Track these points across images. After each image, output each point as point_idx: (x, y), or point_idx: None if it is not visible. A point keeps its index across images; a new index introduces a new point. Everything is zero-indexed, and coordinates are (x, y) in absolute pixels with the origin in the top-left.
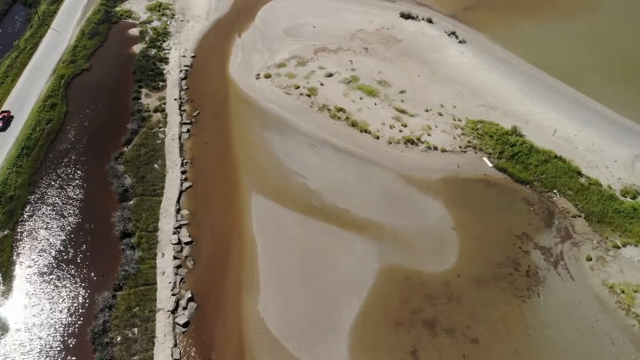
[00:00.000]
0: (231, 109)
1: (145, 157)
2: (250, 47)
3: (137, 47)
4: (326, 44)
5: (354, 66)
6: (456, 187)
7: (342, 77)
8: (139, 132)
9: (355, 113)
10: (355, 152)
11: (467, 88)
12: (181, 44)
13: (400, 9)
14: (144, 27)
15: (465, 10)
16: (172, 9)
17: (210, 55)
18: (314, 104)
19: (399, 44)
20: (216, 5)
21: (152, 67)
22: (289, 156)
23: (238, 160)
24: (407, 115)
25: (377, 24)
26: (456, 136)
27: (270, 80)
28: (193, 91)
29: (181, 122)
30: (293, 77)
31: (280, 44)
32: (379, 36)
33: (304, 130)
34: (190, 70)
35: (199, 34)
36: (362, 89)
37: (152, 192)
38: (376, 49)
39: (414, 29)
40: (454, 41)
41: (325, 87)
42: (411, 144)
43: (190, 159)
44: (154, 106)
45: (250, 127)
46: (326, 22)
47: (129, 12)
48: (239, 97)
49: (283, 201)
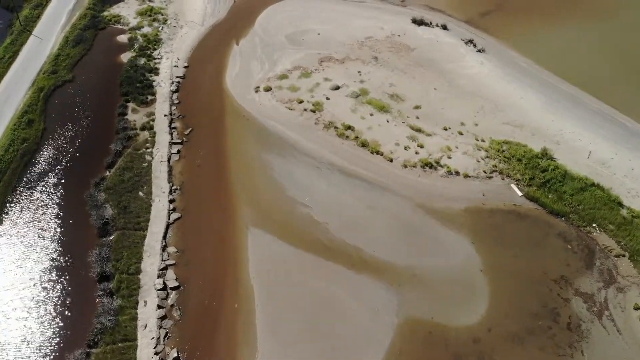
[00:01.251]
0: (227, 126)
1: (129, 183)
2: (249, 55)
3: (125, 55)
4: (332, 52)
5: (362, 78)
6: (482, 219)
7: (350, 91)
8: (124, 154)
9: (365, 131)
10: (366, 176)
11: (489, 103)
12: (173, 53)
13: (412, 14)
14: (133, 33)
15: (482, 15)
16: (164, 14)
17: (204, 65)
18: (319, 120)
19: (411, 53)
20: (212, 9)
21: (141, 79)
22: (292, 182)
23: (233, 187)
24: (423, 135)
25: (388, 30)
26: (480, 159)
27: (271, 93)
28: (185, 106)
29: (171, 142)
30: (296, 90)
31: (281, 53)
32: (389, 44)
33: (308, 151)
34: (182, 82)
35: (193, 41)
36: (373, 104)
37: (136, 226)
38: (387, 59)
39: (427, 36)
40: (472, 50)
41: (332, 102)
42: (429, 168)
43: (180, 185)
44: (142, 123)
45: (248, 147)
46: (332, 28)
47: (117, 17)
48: (235, 112)
49: (285, 236)
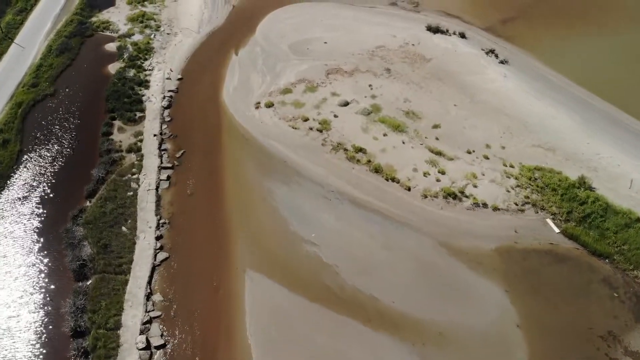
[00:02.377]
0: (223, 148)
1: (111, 216)
2: (249, 67)
3: (113, 66)
4: (340, 63)
5: (374, 92)
6: (516, 261)
7: (361, 107)
8: (107, 180)
9: (379, 154)
10: (381, 208)
11: (516, 122)
12: (166, 63)
13: (426, 21)
14: (122, 41)
15: (504, 22)
16: (157, 20)
17: (200, 77)
18: (326, 141)
19: (427, 64)
20: (209, 15)
21: (129, 93)
22: (296, 214)
23: (229, 220)
24: (444, 159)
25: (401, 39)
26: (510, 188)
27: (273, 110)
28: (177, 124)
29: (160, 167)
30: (300, 106)
31: (285, 64)
32: (403, 54)
33: (314, 177)
34: (175, 97)
35: (188, 50)
36: (386, 123)
37: (117, 269)
38: (401, 70)
39: (444, 45)
40: (494, 61)
41: (341, 120)
42: (453, 199)
43: (169, 219)
44: (128, 144)
45: (247, 172)
46: (339, 36)
47: (107, 23)
48: (233, 131)
49: (288, 281)
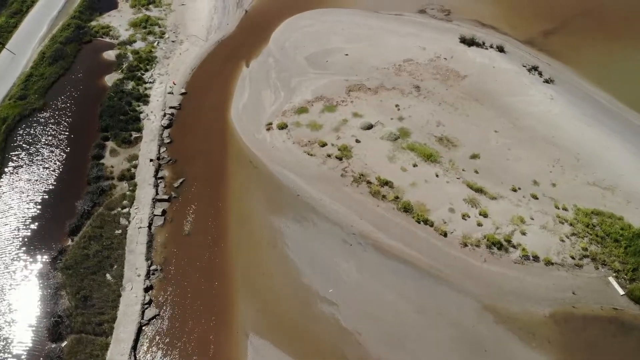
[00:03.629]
0: (228, 177)
1: (94, 260)
2: (261, 81)
3: (110, 77)
4: (362, 79)
5: (402, 114)
6: (575, 331)
7: (387, 131)
8: (93, 214)
9: (408, 189)
10: (412, 258)
11: (567, 154)
12: (169, 75)
13: (459, 32)
14: (122, 49)
15: (546, 35)
16: (162, 26)
17: (206, 92)
18: (347, 172)
19: (462, 82)
20: (219, 21)
21: (126, 109)
22: (310, 262)
23: (232, 269)
24: (486, 197)
25: (431, 51)
26: (564, 237)
27: (287, 132)
28: (178, 147)
29: (155, 199)
30: (318, 128)
31: (300, 79)
32: (434, 69)
33: (332, 215)
34: (177, 115)
35: (194, 60)
36: (416, 150)
37: (97, 328)
38: (432, 88)
39: (481, 60)
40: (538, 80)
41: (363, 146)
42: (498, 249)
43: (162, 264)
44: (120, 170)
45: (254, 207)
46: (362, 48)
47: (107, 28)
48: (241, 156)
49: (298, 352)
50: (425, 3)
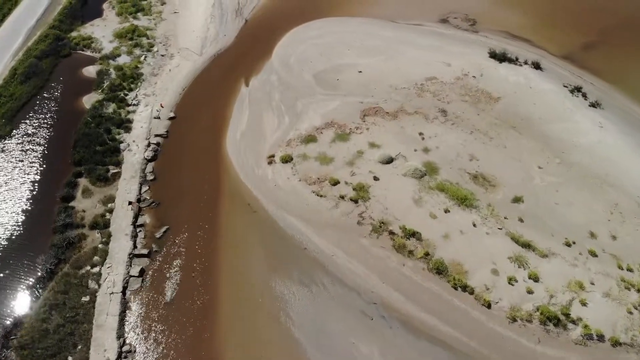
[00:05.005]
0: (222, 224)
1: (55, 338)
2: (262, 103)
3: (88, 98)
4: (379, 100)
5: (427, 144)
6: None
7: (410, 166)
8: (56, 275)
9: (441, 243)
10: (449, 337)
11: (626, 197)
12: (156, 96)
13: (487, 45)
14: (104, 64)
15: (585, 49)
16: (151, 37)
17: (198, 116)
18: (364, 218)
19: (496, 105)
20: (216, 32)
21: (104, 138)
22: (320, 340)
23: (222, 351)
24: (535, 254)
25: (457, 68)
26: (632, 308)
27: (292, 167)
28: (162, 186)
29: (132, 255)
30: (328, 161)
31: (308, 100)
32: (462, 89)
33: (348, 277)
34: (163, 144)
35: (186, 78)
36: (447, 192)
37: None
38: (461, 113)
39: (514, 78)
40: (582, 103)
41: (383, 185)
42: (555, 325)
43: (136, 343)
44: (93, 216)
45: (253, 265)
46: (378, 63)
47: (88, 39)
48: (237, 197)
49: None
50: (447, 11)
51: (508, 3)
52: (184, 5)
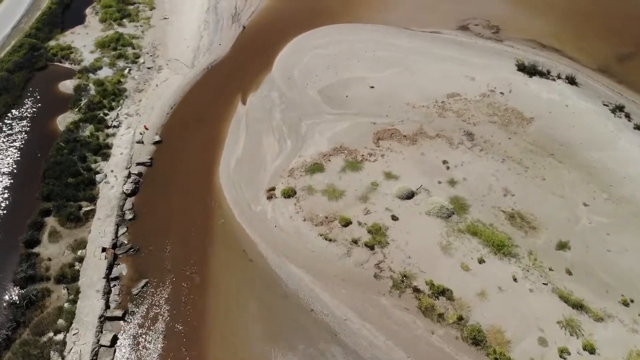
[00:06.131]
0: (211, 277)
1: None
2: (262, 124)
3: (63, 118)
4: (394, 121)
5: (453, 175)
6: None
7: (435, 203)
8: (13, 345)
9: (476, 303)
10: None
11: None
12: (140, 116)
13: (514, 55)
14: (84, 78)
15: (622, 61)
16: (137, 47)
17: (188, 139)
18: (382, 270)
19: (529, 128)
20: (210, 40)
21: (78, 168)
22: None
23: None
24: (588, 317)
25: (482, 83)
26: None
27: (295, 203)
28: (143, 227)
29: (103, 317)
30: (338, 196)
31: (313, 121)
32: (489, 108)
33: (366, 351)
34: (146, 175)
35: (175, 94)
36: (481, 236)
37: None
38: (489, 137)
39: (548, 95)
40: (626, 125)
41: (403, 226)
42: None
43: None
44: (60, 266)
45: (248, 332)
46: (392, 77)
47: (67, 49)
48: (231, 243)
49: None
50: (466, 17)
51: (533, 8)
52: (175, 10)
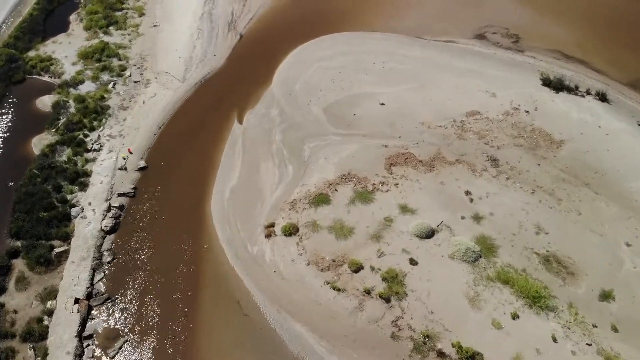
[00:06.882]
0: (200, 339)
1: None
2: (260, 146)
3: (39, 140)
4: (408, 143)
5: (477, 208)
6: None
7: (459, 244)
8: None
9: None
10: None
11: None
12: (124, 138)
13: (537, 67)
14: (63, 93)
15: None
16: (123, 57)
17: (176, 165)
18: (401, 328)
19: (559, 152)
20: (204, 50)
21: (52, 200)
22: None
23: None
24: None
25: (505, 99)
26: None
27: (297, 242)
28: (123, 271)
29: None
30: (346, 234)
31: (317, 143)
32: (513, 129)
33: None
34: (128, 207)
35: (163, 112)
36: (513, 284)
37: None
38: (516, 163)
39: (578, 115)
40: None
41: (424, 272)
42: None
43: None
44: (27, 319)
45: None
46: (404, 93)
47: (47, 60)
48: (223, 292)
49: None
50: (483, 24)
51: (555, 14)
52: (166, 16)
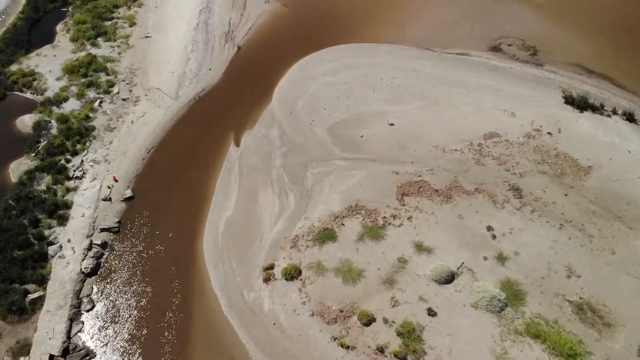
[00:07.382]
0: None
1: None
2: (258, 172)
3: (17, 165)
4: (421, 169)
5: (501, 247)
6: None
7: (483, 290)
8: None
9: None
10: None
11: None
12: (109, 163)
13: (558, 84)
14: (46, 112)
15: None
16: (112, 72)
17: (165, 194)
18: None
19: (587, 180)
20: (199, 64)
21: (29, 236)
22: None
23: None
24: None
25: (525, 119)
26: None
27: (300, 287)
28: (103, 321)
29: None
30: (355, 278)
31: (321, 169)
32: (536, 154)
33: None
34: (111, 245)
35: (154, 134)
36: (544, 339)
37: None
38: (541, 192)
39: (605, 138)
40: None
41: (443, 325)
42: None
43: None
44: None
45: None
46: (415, 112)
47: (31, 75)
48: (215, 346)
49: None
50: (497, 35)
51: (573, 25)
52: (158, 26)
